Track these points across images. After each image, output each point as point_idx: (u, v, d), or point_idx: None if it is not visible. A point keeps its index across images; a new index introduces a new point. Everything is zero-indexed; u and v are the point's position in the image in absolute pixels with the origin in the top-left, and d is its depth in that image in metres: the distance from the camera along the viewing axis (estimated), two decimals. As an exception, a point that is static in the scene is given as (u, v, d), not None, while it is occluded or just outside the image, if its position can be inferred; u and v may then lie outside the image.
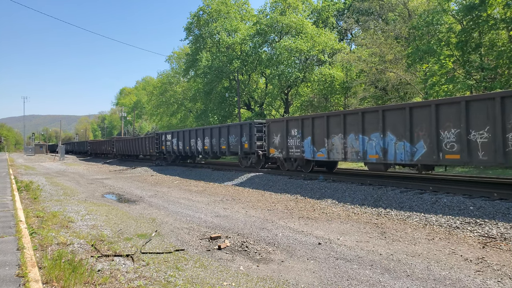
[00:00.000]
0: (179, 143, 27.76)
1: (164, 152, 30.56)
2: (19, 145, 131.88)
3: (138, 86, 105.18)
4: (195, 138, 25.33)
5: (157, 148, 31.22)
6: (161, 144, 30.74)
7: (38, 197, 13.55)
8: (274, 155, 18.15)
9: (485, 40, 22.41)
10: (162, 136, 30.85)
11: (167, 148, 29.75)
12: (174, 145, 28.65)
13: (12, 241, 6.51)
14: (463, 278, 5.34)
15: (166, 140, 30.04)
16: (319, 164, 17.30)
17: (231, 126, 21.81)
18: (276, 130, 17.83)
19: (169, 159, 30.41)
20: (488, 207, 8.95)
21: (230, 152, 21.74)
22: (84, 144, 63.94)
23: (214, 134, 23.16)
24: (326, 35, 36.23)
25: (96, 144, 55.63)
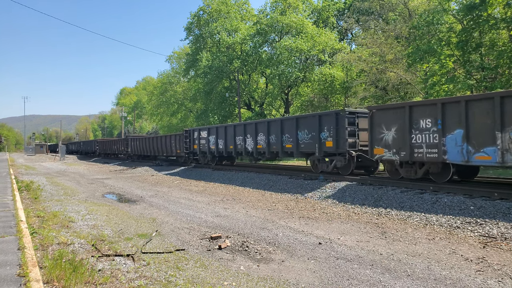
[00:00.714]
0: (219, 142, 22.96)
1: (197, 152, 25.59)
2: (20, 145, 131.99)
3: (138, 86, 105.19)
4: (243, 135, 20.60)
5: (187, 148, 26.37)
6: (193, 142, 26.04)
7: (38, 197, 13.55)
8: (382, 157, 12.96)
9: (485, 39, 22.39)
10: (194, 133, 25.94)
11: (202, 147, 24.89)
12: (211, 143, 23.83)
13: (13, 240, 6.52)
14: (464, 278, 5.34)
15: (200, 138, 25.20)
16: (461, 170, 12.51)
17: (301, 118, 17.15)
18: (388, 121, 12.59)
19: (203, 160, 25.67)
20: (489, 207, 8.95)
21: (299, 152, 16.96)
22: (91, 144, 58.31)
23: (273, 129, 18.45)
24: (327, 35, 36.22)
25: (106, 143, 49.84)
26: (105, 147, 49.19)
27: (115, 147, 44.59)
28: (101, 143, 52.12)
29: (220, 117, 42.34)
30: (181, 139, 27.37)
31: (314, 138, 15.98)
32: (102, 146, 50.63)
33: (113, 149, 45.53)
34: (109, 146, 47.46)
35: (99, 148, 51.95)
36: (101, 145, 51.18)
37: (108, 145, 48.13)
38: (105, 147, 49.27)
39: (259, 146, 19.45)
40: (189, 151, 26.57)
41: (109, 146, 47.46)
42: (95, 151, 53.76)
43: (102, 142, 51.88)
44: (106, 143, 49.73)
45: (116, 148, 44.27)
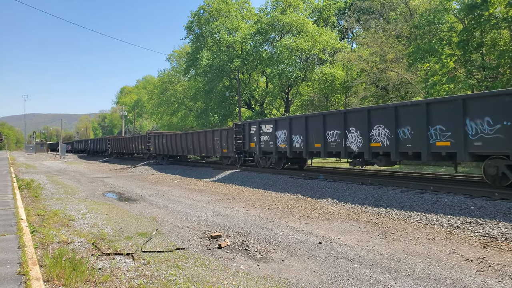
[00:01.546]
0: (295, 138, 16.96)
1: (256, 152, 19.83)
2: (20, 144, 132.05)
3: (138, 85, 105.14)
4: (343, 128, 14.21)
5: (238, 147, 21.07)
6: (249, 139, 20.37)
7: (39, 196, 13.56)
8: None
9: (486, 39, 22.36)
10: (250, 128, 20.30)
11: (262, 145, 19.27)
12: (279, 140, 17.92)
13: (13, 239, 6.52)
14: (464, 278, 5.33)
15: (260, 134, 19.41)
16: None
17: (475, 98, 10.52)
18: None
19: (264, 163, 19.91)
20: (489, 207, 8.94)
21: (470, 155, 10.51)
22: (102, 142, 50.51)
23: (404, 119, 12.06)
24: (327, 34, 36.18)
25: (121, 141, 42.64)
26: (120, 145, 42.87)
27: (133, 145, 38.30)
28: (114, 141, 45.57)
29: (221, 116, 42.33)
30: (230, 135, 21.60)
31: None
32: (116, 145, 44.56)
33: (130, 148, 39.19)
34: (125, 145, 41.07)
35: (111, 146, 45.97)
36: (114, 143, 45.06)
37: (124, 143, 41.58)
38: (119, 146, 43.13)
39: (375, 144, 13.23)
40: (241, 151, 21.29)
41: (125, 145, 41.07)
42: (106, 150, 47.74)
43: (116, 140, 44.98)
44: (121, 141, 42.88)
45: (134, 146, 37.83)
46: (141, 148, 35.67)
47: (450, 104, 10.83)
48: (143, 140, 35.25)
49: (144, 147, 34.68)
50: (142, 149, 35.56)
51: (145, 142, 34.28)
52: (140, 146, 35.89)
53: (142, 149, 35.50)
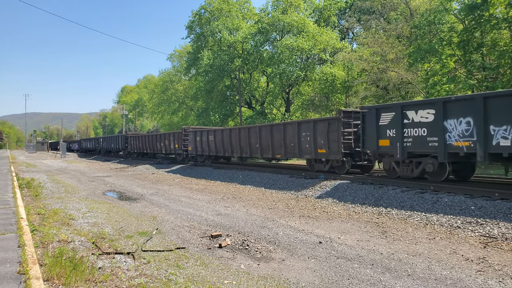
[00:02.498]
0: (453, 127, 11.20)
1: (398, 153, 12.55)
2: (21, 143, 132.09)
3: (139, 84, 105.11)
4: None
5: (347, 146, 14.90)
6: (378, 133, 13.25)
7: (39, 195, 13.57)
8: None
9: (487, 39, 22.34)
10: (379, 116, 13.26)
11: (408, 143, 12.33)
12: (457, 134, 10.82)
13: (13, 238, 6.52)
14: (464, 278, 5.33)
15: (404, 124, 12.44)
16: None
17: None
18: None
19: (405, 171, 13.01)
20: (489, 207, 8.94)
21: None
22: (118, 140, 42.90)
23: None
24: (328, 34, 36.16)
25: (145, 140, 35.26)
26: (142, 144, 35.50)
27: (161, 144, 31.98)
28: (135, 138, 38.12)
29: (221, 116, 42.31)
30: (330, 130, 15.64)
31: None
32: (137, 143, 37.23)
33: (157, 147, 32.95)
34: (150, 143, 33.96)
35: (131, 145, 38.86)
36: (135, 142, 37.62)
37: (148, 141, 34.29)
38: (141, 145, 35.81)
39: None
40: (351, 151, 15.47)
41: (150, 143, 33.96)
42: (123, 149, 40.46)
43: (138, 138, 37.39)
44: (144, 139, 35.20)
45: (163, 145, 31.43)
46: (174, 148, 29.79)
47: None
48: (177, 137, 29.19)
49: (179, 146, 28.73)
50: (175, 148, 29.70)
51: (180, 139, 28.33)
52: (172, 144, 30.08)
53: (176, 149, 29.54)
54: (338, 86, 36.66)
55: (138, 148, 37.17)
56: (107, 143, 48.73)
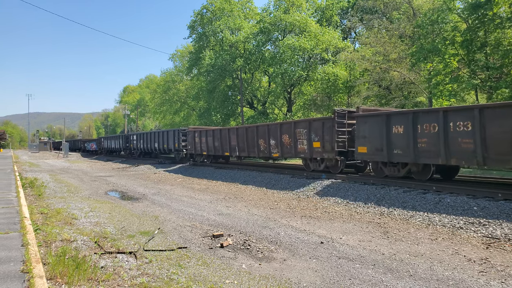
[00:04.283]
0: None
1: None
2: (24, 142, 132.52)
3: (141, 84, 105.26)
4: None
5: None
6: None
7: (42, 194, 13.61)
8: None
9: (490, 39, 22.26)
10: None
11: None
12: None
13: (16, 237, 6.55)
14: (466, 279, 5.32)
15: None
16: None
17: None
18: None
19: None
20: (492, 208, 8.91)
21: None
22: (169, 137, 30.59)
23: None
24: (330, 33, 36.11)
25: (226, 135, 22.51)
26: (221, 142, 23.08)
27: (228, 144, 22.19)
28: (203, 133, 25.04)
29: (223, 116, 42.35)
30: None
31: None
32: (207, 141, 24.50)
33: (225, 147, 22.50)
34: (237, 140, 21.49)
35: (194, 144, 26.20)
36: (205, 139, 24.73)
37: (235, 137, 21.65)
38: (219, 143, 23.30)
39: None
40: None
41: (237, 140, 21.49)
42: (178, 150, 29.42)
43: (210, 133, 24.34)
44: (226, 133, 22.67)
45: (269, 144, 18.97)
46: (227, 147, 22.09)
47: None
48: (220, 135, 22.48)
49: (224, 145, 22.30)
50: (226, 147, 22.24)
51: (224, 139, 22.11)
52: (219, 142, 22.80)
53: (226, 148, 22.19)
54: (340, 86, 36.62)
55: (212, 149, 24.16)
56: (148, 142, 34.60)
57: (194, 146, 26.20)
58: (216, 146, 23.39)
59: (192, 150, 26.56)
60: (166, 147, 31.53)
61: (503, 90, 20.49)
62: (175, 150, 30.20)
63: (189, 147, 27.13)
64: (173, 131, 30.47)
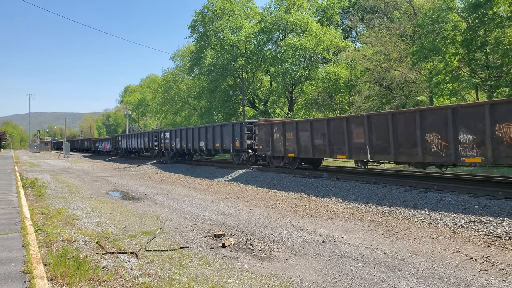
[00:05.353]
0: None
1: None
2: (24, 143, 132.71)
3: (142, 84, 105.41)
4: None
5: None
6: None
7: (43, 194, 13.62)
8: None
9: (490, 38, 22.25)
10: None
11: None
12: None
13: (17, 237, 6.55)
14: (468, 277, 5.31)
15: None
16: None
17: None
18: None
19: None
20: (493, 206, 8.90)
21: None
22: (236, 131, 21.88)
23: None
24: (331, 33, 36.12)
25: None
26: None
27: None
28: (322, 124, 15.88)
29: (224, 115, 42.37)
30: None
31: None
32: (328, 135, 15.98)
33: (337, 146, 15.39)
34: None
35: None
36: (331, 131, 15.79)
37: None
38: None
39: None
40: None
41: None
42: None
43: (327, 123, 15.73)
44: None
45: (351, 144, 14.28)
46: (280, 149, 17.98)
47: None
48: (279, 131, 18.03)
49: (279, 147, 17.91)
50: (279, 150, 18.14)
51: (277, 137, 18.18)
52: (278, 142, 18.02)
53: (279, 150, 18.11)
54: (341, 85, 36.63)
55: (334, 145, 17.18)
56: (189, 139, 26.88)
57: (272, 145, 18.51)
58: (318, 145, 15.79)
59: (268, 151, 18.92)
60: (219, 146, 23.33)
61: (503, 89, 20.48)
62: (236, 151, 22.02)
63: (260, 146, 19.60)
64: (232, 125, 22.04)
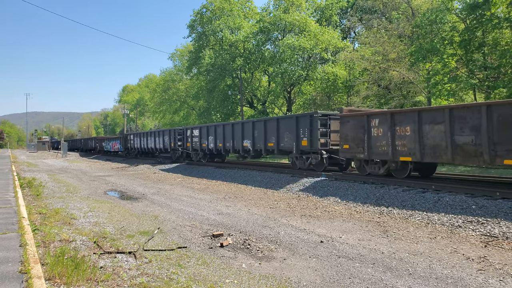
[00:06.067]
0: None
1: None
2: (22, 142, 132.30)
3: (141, 83, 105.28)
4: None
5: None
6: None
7: (40, 194, 13.60)
8: None
9: (488, 39, 22.31)
10: None
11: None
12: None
13: (15, 237, 6.54)
14: (465, 277, 5.33)
15: None
16: None
17: None
18: None
19: None
20: (491, 206, 8.93)
21: None
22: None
23: None
24: (329, 33, 36.15)
25: None
26: None
27: None
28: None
29: (223, 115, 42.35)
30: None
31: None
32: None
33: None
34: None
35: None
36: None
37: None
38: None
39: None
40: None
41: None
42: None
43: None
44: None
45: None
46: None
47: None
48: None
49: None
50: None
51: None
52: None
53: None
54: (339, 85, 36.66)
55: None
56: (234, 137, 21.50)
57: (368, 145, 13.43)
58: (462, 144, 10.55)
59: (359, 152, 13.86)
60: (273, 146, 18.09)
61: (501, 90, 20.53)
62: (302, 152, 16.70)
63: (346, 145, 14.34)
64: (296, 118, 16.71)
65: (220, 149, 23.22)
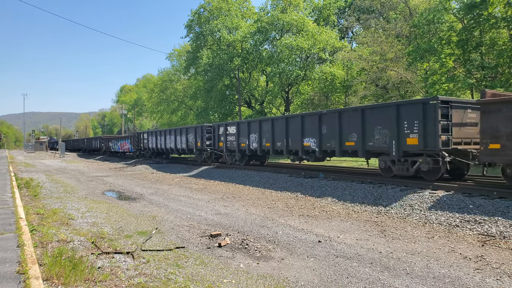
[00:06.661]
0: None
1: None
2: (19, 142, 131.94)
3: (138, 83, 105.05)
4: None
5: None
6: None
7: (38, 194, 13.56)
8: None
9: (485, 38, 22.39)
10: None
11: None
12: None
13: (12, 238, 6.52)
14: (462, 276, 5.35)
15: None
16: None
17: None
18: None
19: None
20: (488, 206, 8.95)
21: None
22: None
23: None
24: (327, 33, 36.19)
25: None
26: None
27: None
28: None
29: (221, 115, 42.35)
30: None
31: None
32: None
33: None
34: None
35: None
36: None
37: None
38: None
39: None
40: None
41: None
42: None
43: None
44: None
45: None
46: None
47: None
48: None
49: None
50: None
51: None
52: None
53: None
54: (337, 85, 36.73)
55: None
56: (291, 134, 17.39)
57: None
58: None
59: None
60: (354, 145, 14.08)
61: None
62: (405, 154, 12.68)
63: (494, 145, 9.94)
64: (397, 107, 12.58)
65: (267, 150, 19.11)
